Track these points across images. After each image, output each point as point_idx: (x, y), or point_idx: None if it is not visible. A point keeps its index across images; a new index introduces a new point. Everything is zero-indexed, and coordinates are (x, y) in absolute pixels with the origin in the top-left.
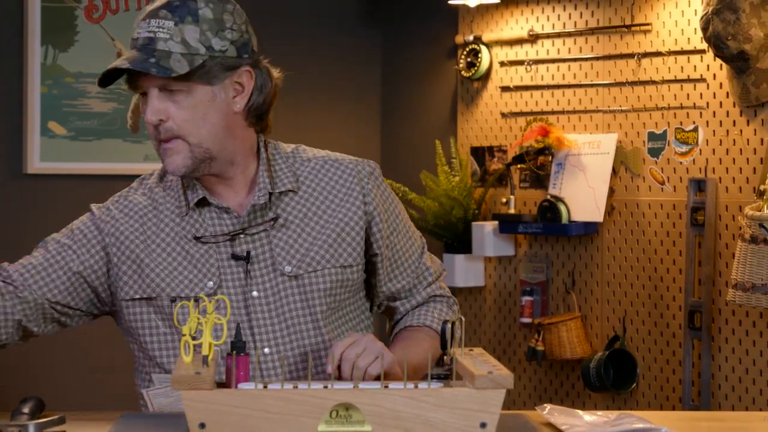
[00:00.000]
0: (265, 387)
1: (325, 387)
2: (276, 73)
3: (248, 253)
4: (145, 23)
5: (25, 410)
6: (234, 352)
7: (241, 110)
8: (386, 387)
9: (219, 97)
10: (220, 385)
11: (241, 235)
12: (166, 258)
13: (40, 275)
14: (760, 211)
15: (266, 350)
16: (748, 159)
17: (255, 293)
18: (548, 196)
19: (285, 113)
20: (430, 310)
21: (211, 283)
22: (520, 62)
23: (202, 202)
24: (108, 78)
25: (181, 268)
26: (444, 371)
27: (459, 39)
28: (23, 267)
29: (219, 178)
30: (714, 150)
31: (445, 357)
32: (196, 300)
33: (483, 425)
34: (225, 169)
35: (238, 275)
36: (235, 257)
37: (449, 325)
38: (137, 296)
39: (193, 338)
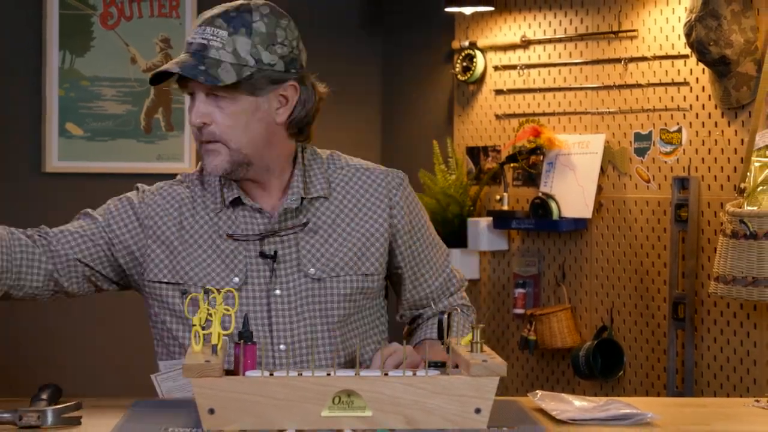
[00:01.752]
0: (271, 375)
1: (328, 374)
2: (322, 88)
3: (275, 252)
4: (201, 29)
5: (44, 396)
6: (242, 341)
7: (283, 122)
8: (386, 375)
9: (262, 108)
10: (229, 372)
11: (271, 236)
12: (197, 250)
13: (72, 236)
14: (740, 207)
15: (282, 347)
16: (729, 158)
17: (278, 291)
18: (540, 194)
19: None
20: (452, 323)
21: (237, 279)
22: (513, 66)
23: (237, 202)
24: (159, 78)
25: (210, 261)
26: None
27: (455, 45)
28: (59, 230)
29: (254, 181)
30: (697, 150)
31: (441, 346)
32: (206, 292)
33: (478, 411)
34: (261, 174)
35: (264, 273)
36: (263, 255)
37: (445, 317)
38: (165, 280)
39: (203, 328)
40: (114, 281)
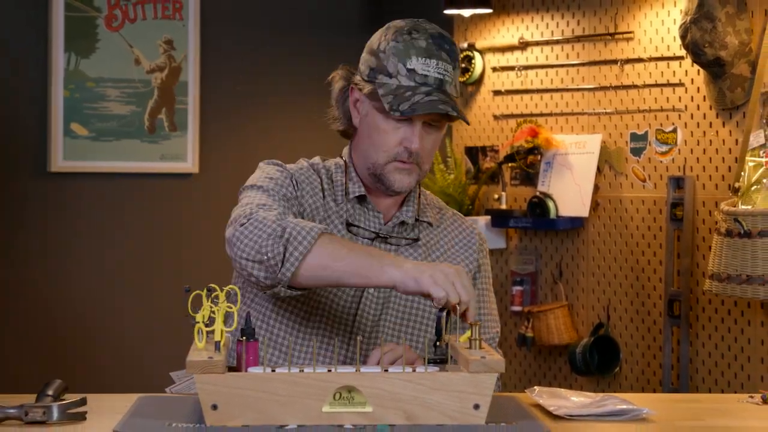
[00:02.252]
0: (273, 371)
1: (329, 371)
2: None
3: None
4: (433, 63)
5: (49, 392)
6: (244, 338)
7: None
8: (386, 371)
9: (443, 132)
10: (231, 369)
11: (383, 239)
12: None
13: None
14: (734, 206)
15: (359, 337)
16: (723, 158)
17: (371, 289)
18: (537, 193)
19: (292, 117)
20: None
21: None
22: (511, 68)
23: (359, 199)
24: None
25: None
26: (441, 356)
27: None
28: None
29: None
30: (692, 150)
31: (439, 343)
32: (209, 290)
33: (476, 407)
34: None
35: None
36: None
37: (444, 314)
38: None
39: (206, 325)
40: None
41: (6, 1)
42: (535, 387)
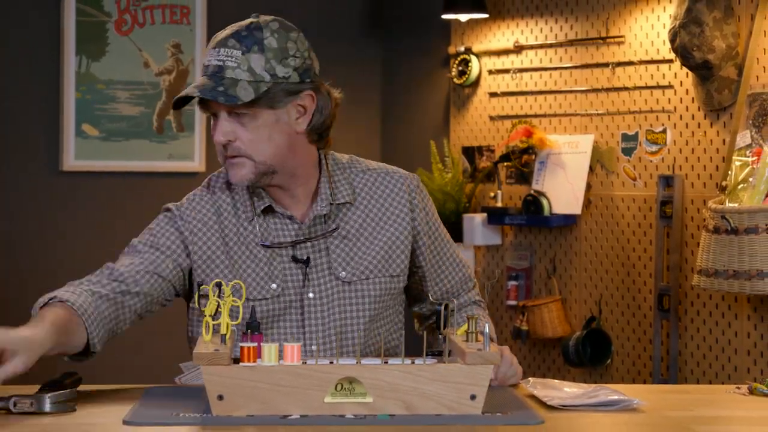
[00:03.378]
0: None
1: (331, 363)
2: (336, 93)
3: (308, 258)
4: (215, 51)
5: (49, 385)
6: (249, 331)
7: (304, 130)
8: (386, 363)
9: (282, 120)
10: (236, 361)
11: (303, 242)
12: (237, 260)
13: (146, 278)
14: (722, 204)
15: (314, 347)
16: (711, 158)
17: (311, 295)
18: (532, 191)
19: None
20: (475, 310)
21: (275, 285)
22: (507, 70)
23: (268, 209)
24: (181, 101)
25: (249, 270)
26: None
27: (451, 50)
28: (129, 269)
29: (282, 189)
30: (681, 150)
31: (440, 336)
32: (218, 285)
33: (473, 397)
34: (287, 181)
35: (297, 277)
36: (295, 260)
37: (442, 308)
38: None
39: (213, 319)
40: (167, 303)
41: (20, 6)
42: (530, 378)
